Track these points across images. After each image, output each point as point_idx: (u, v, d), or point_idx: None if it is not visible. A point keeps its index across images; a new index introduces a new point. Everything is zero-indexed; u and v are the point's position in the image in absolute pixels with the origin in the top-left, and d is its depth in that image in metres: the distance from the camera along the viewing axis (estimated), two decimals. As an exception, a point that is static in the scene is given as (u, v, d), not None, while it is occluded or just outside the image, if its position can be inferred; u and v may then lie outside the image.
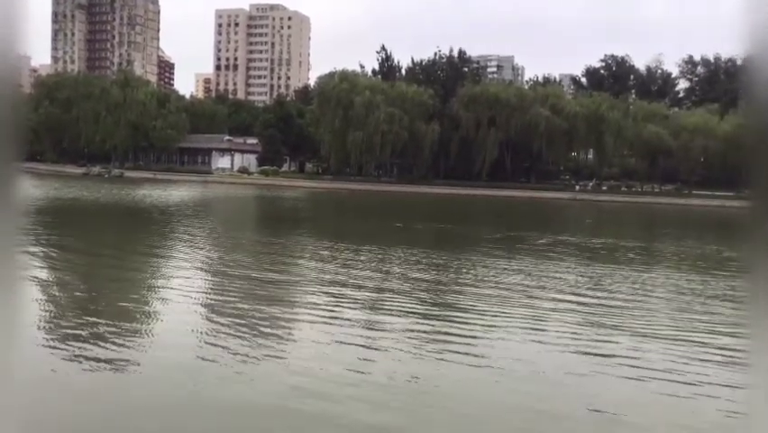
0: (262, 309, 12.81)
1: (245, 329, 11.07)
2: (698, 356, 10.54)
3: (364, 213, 49.66)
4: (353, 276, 17.32)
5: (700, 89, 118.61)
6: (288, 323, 12.12)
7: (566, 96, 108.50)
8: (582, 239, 33.02)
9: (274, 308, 13.11)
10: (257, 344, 10.25)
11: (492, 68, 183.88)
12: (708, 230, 46.09)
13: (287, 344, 10.59)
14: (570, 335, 11.67)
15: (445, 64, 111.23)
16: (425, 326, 12.01)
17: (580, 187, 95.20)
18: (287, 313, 12.93)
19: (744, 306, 15.32)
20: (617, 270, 21.01)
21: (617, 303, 14.98)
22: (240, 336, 10.64)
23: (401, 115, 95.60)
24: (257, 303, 13.39)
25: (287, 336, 11.16)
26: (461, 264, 20.49)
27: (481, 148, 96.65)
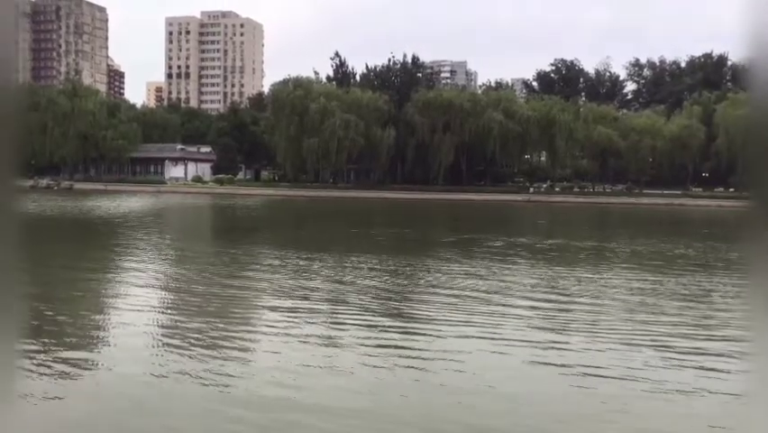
0: (209, 324, 12.36)
1: (188, 346, 10.73)
2: (655, 362, 10.35)
3: (320, 220, 49.39)
4: (304, 286, 16.95)
5: (647, 91, 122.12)
6: (232, 337, 11.56)
7: (519, 100, 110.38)
8: (536, 240, 33.47)
9: (219, 322, 12.58)
10: (201, 361, 9.90)
11: (446, 73, 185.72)
12: (658, 228, 47.32)
13: (232, 360, 10.38)
14: (521, 341, 11.46)
15: (399, 70, 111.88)
16: (374, 337, 11.66)
17: (534, 189, 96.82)
18: (232, 328, 12.31)
19: (699, 303, 15.75)
20: (571, 271, 21.29)
21: (571, 306, 14.96)
22: (183, 352, 10.34)
23: (357, 121, 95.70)
24: (203, 318, 12.90)
25: (232, 351, 10.74)
26: (414, 270, 20.41)
27: (437, 153, 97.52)
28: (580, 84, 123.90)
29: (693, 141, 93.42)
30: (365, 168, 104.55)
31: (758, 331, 2.24)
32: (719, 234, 42.15)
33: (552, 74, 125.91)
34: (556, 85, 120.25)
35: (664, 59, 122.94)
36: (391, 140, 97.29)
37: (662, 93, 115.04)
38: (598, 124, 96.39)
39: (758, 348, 2.25)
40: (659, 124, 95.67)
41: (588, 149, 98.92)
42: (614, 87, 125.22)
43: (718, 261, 25.58)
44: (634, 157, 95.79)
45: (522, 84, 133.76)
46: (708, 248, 30.14)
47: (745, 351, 10.92)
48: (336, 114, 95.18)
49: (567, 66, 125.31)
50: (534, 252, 27.50)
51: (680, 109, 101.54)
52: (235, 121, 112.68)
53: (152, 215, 49.59)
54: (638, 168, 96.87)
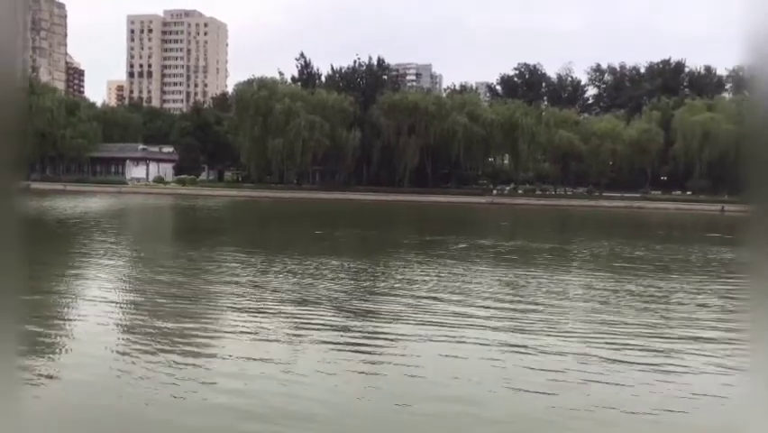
0: (160, 330, 12.04)
1: (139, 353, 10.53)
2: (614, 366, 10.29)
3: (284, 221, 49.10)
4: (263, 288, 16.66)
5: (608, 96, 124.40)
6: (185, 343, 11.21)
7: (483, 104, 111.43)
8: (499, 242, 33.84)
9: (172, 327, 12.20)
10: (152, 369, 9.63)
11: (411, 75, 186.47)
12: (617, 230, 48.27)
13: (185, 367, 10.25)
14: (479, 344, 11.38)
15: (365, 72, 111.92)
16: (332, 341, 11.49)
17: (498, 191, 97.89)
18: (186, 333, 11.94)
19: (657, 305, 16.07)
20: (532, 273, 21.58)
21: (532, 307, 15.03)
22: (134, 359, 10.14)
23: (322, 123, 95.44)
24: (155, 323, 12.62)
25: (185, 357, 10.46)
26: (376, 272, 20.36)
27: (403, 155, 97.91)
28: (542, 88, 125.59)
29: (652, 145, 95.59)
30: (330, 169, 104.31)
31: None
32: (677, 236, 43.24)
33: (515, 78, 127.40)
34: (519, 89, 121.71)
35: (625, 65, 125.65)
36: (357, 141, 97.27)
37: (622, 98, 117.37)
38: (559, 128, 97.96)
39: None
40: (619, 128, 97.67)
41: (550, 152, 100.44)
42: (575, 91, 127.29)
43: (675, 263, 26.24)
44: (594, 160, 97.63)
45: (486, 88, 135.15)
46: (666, 250, 30.89)
47: (700, 349, 11.17)
48: (301, 114, 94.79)
49: (530, 70, 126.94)
50: (496, 254, 27.79)
51: (639, 114, 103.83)
52: (198, 121, 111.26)
53: (111, 216, 48.53)
54: (599, 171, 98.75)
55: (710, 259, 27.72)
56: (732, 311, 15.36)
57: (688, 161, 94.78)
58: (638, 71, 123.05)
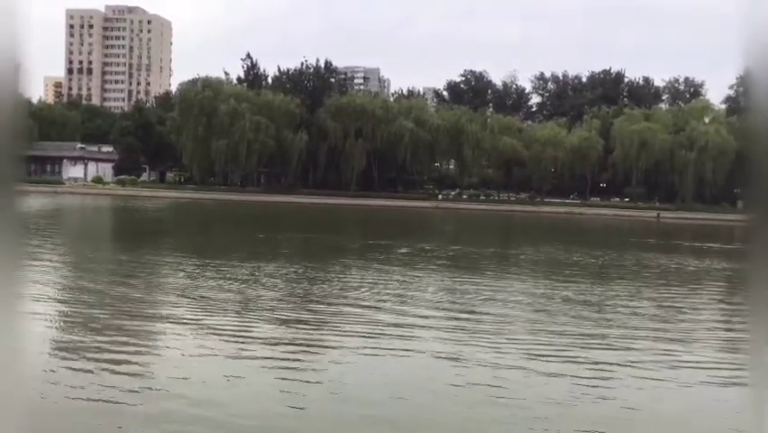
0: (90, 337, 11.63)
1: (70, 360, 10.15)
2: (558, 380, 9.98)
3: (226, 224, 48.21)
4: (198, 295, 15.86)
5: (551, 104, 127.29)
6: (114, 351, 10.78)
7: (429, 109, 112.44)
8: (442, 247, 34.06)
9: (102, 335, 11.74)
10: (86, 378, 9.29)
11: (359, 79, 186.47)
12: (558, 236, 49.33)
13: (117, 374, 9.87)
14: (408, 352, 11.11)
15: (312, 74, 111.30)
16: (266, 348, 11.16)
17: (443, 196, 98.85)
18: (117, 340, 11.49)
19: (593, 312, 16.32)
20: (473, 278, 21.72)
21: (469, 315, 14.83)
22: (66, 367, 9.77)
23: (268, 124, 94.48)
24: (83, 331, 12.15)
25: (118, 365, 10.09)
26: (315, 277, 19.96)
27: (349, 158, 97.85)
28: (488, 95, 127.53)
29: (592, 152, 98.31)
30: (276, 172, 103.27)
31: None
32: (615, 242, 44.45)
33: (461, 85, 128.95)
34: (465, 95, 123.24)
35: (567, 74, 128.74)
36: (303, 144, 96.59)
37: (564, 106, 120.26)
38: (503, 135, 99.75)
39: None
40: (561, 135, 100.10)
41: (494, 158, 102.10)
42: (520, 99, 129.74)
43: (612, 269, 26.92)
44: (537, 167, 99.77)
45: (433, 93, 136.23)
46: (604, 256, 31.67)
47: (634, 362, 11.14)
48: (246, 116, 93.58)
49: (476, 77, 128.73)
50: (438, 259, 27.93)
51: (580, 122, 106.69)
52: (140, 120, 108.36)
53: (41, 216, 46.46)
54: (541, 177, 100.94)
55: (646, 265, 28.54)
56: (666, 320, 15.78)
57: (626, 168, 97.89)
58: (580, 80, 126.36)
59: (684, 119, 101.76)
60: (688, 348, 12.48)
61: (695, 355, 11.88)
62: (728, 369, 10.81)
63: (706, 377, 10.38)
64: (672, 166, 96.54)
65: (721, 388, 9.80)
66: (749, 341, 10.03)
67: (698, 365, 11.11)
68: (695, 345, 12.88)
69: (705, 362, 11.37)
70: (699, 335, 13.93)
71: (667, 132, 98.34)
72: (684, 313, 16.48)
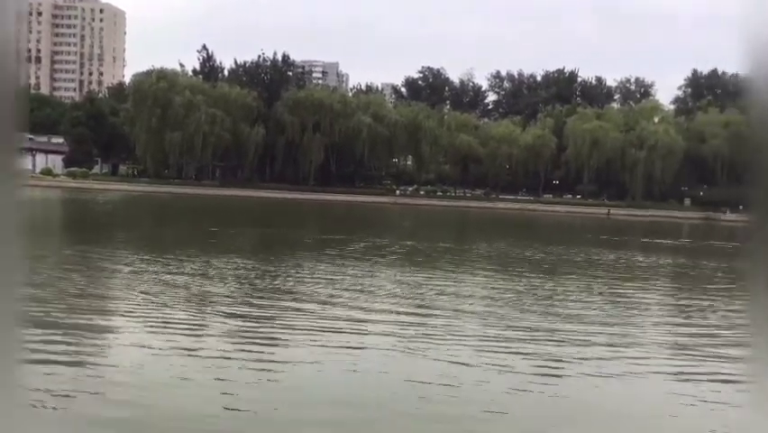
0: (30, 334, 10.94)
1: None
2: (493, 375, 10.00)
3: (179, 218, 47.55)
4: (143, 291, 15.32)
5: (506, 102, 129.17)
6: (55, 351, 10.26)
7: (387, 105, 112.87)
8: (398, 242, 34.31)
9: (42, 333, 10.88)
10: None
11: (317, 73, 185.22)
12: (512, 232, 50.24)
13: (59, 375, 9.72)
14: (360, 349, 10.97)
15: (270, 67, 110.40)
16: (210, 347, 10.78)
17: (401, 191, 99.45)
18: (58, 338, 10.93)
19: (546, 306, 16.72)
20: (428, 273, 21.92)
21: (423, 310, 14.75)
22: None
23: (224, 117, 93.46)
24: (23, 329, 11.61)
25: (56, 366, 9.83)
26: (268, 272, 19.63)
27: (307, 152, 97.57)
28: (445, 92, 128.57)
29: (546, 150, 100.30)
30: (232, 165, 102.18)
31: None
32: (567, 238, 45.54)
33: (419, 81, 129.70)
34: (423, 92, 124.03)
35: (523, 73, 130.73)
36: (260, 137, 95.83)
37: (519, 104, 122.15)
38: (460, 132, 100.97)
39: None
40: (516, 133, 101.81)
41: (451, 155, 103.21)
42: (476, 96, 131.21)
43: (563, 264, 27.62)
44: (492, 164, 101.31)
45: (391, 89, 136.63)
46: (556, 252, 32.43)
47: (585, 358, 11.35)
48: (202, 108, 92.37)
49: (434, 74, 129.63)
50: (394, 254, 28.13)
51: (535, 120, 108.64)
52: (92, 111, 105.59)
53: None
54: (496, 174, 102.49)
55: (596, 261, 29.35)
56: (614, 315, 16.28)
57: (578, 166, 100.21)
58: (535, 79, 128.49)
59: (635, 119, 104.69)
60: (637, 343, 12.64)
61: (644, 350, 12.01)
62: (678, 363, 11.11)
63: (655, 369, 10.60)
64: (623, 164, 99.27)
65: (671, 382, 9.99)
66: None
67: (646, 361, 11.26)
68: (645, 339, 13.14)
69: (653, 357, 11.57)
70: (647, 330, 14.30)
71: (618, 131, 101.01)
72: (633, 308, 17.03)
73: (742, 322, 15.45)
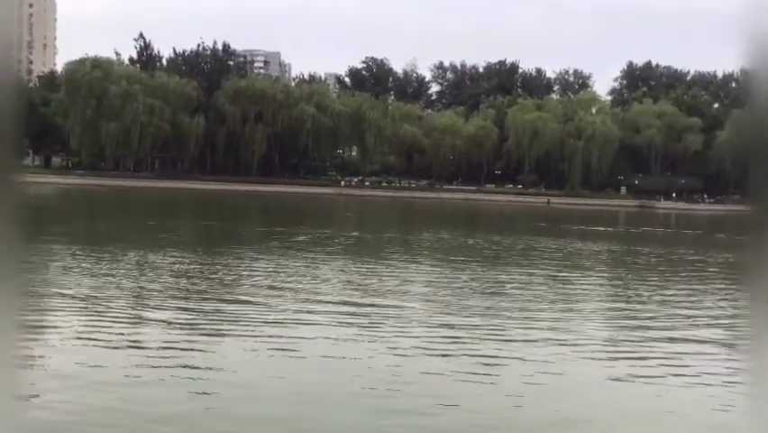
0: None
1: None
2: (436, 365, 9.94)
3: (114, 211, 45.96)
4: (72, 286, 14.80)
5: (449, 93, 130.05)
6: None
7: (331, 95, 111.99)
8: (344, 233, 34.18)
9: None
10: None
11: (259, 63, 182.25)
12: (456, 221, 50.76)
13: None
14: (300, 344, 10.62)
15: (210, 56, 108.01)
16: (146, 342, 10.59)
17: (346, 182, 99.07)
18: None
19: (492, 296, 16.88)
20: (373, 263, 21.93)
21: (368, 302, 14.58)
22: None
23: (162, 107, 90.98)
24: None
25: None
26: (207, 266, 19.08)
27: (249, 143, 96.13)
28: (389, 83, 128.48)
29: (488, 141, 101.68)
30: (172, 157, 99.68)
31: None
32: (509, 227, 46.28)
33: (363, 71, 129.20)
34: (367, 82, 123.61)
35: (465, 64, 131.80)
36: (200, 128, 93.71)
37: (462, 95, 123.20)
38: (404, 123, 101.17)
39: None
40: (458, 124, 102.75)
41: (395, 145, 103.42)
42: (420, 87, 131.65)
43: (506, 252, 28.04)
44: (436, 154, 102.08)
45: (335, 79, 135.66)
46: (499, 241, 32.90)
47: (529, 354, 11.37)
48: (139, 98, 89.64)
49: (377, 64, 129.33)
50: (339, 245, 28.02)
51: (477, 111, 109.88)
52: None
53: None
54: (440, 164, 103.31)
55: (537, 248, 29.92)
56: (555, 301, 16.56)
57: (519, 156, 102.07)
58: (477, 71, 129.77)
59: (573, 110, 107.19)
60: (579, 330, 12.83)
61: (586, 337, 12.16)
62: (616, 349, 11.31)
63: (596, 356, 10.79)
64: (562, 154, 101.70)
65: (607, 369, 10.16)
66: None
67: (586, 345, 11.48)
68: (587, 326, 13.36)
69: (595, 342, 11.78)
70: (589, 315, 14.58)
71: (557, 121, 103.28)
72: (573, 295, 17.40)
73: (677, 306, 16.03)
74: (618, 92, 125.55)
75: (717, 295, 18.30)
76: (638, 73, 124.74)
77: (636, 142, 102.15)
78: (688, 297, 17.71)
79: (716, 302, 16.93)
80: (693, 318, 14.35)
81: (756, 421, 2.31)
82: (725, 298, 17.63)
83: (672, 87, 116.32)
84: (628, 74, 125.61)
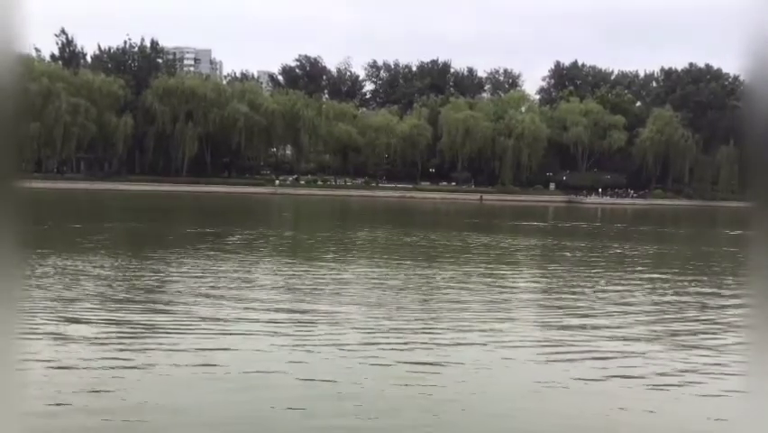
0: None
1: None
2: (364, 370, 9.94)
3: (34, 214, 43.71)
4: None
5: (383, 92, 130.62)
6: None
7: (264, 93, 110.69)
8: (278, 233, 33.81)
9: None
10: None
11: (189, 60, 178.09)
12: (391, 219, 51.00)
13: None
14: (224, 353, 10.22)
15: (137, 53, 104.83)
16: (56, 350, 10.00)
17: (280, 181, 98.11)
18: None
19: (424, 294, 16.99)
20: (308, 264, 21.74)
21: (301, 307, 14.01)
22: None
23: (87, 106, 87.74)
24: None
25: None
26: (132, 270, 18.34)
27: (180, 142, 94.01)
28: (323, 81, 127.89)
29: (422, 139, 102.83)
30: (98, 157, 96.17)
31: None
32: (444, 223, 46.92)
33: (296, 69, 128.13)
34: (301, 80, 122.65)
35: (399, 63, 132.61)
36: (128, 128, 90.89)
37: (396, 94, 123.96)
38: (339, 121, 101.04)
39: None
40: (393, 122, 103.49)
41: (330, 144, 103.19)
42: (354, 86, 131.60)
43: (441, 249, 28.37)
44: (372, 153, 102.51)
45: (268, 77, 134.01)
46: (433, 238, 33.26)
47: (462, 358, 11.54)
48: (62, 96, 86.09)
49: (311, 62, 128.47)
50: (272, 245, 27.67)
51: (411, 110, 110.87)
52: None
53: None
54: (375, 163, 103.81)
55: (472, 244, 30.43)
56: (493, 300, 16.85)
57: (452, 154, 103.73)
58: (410, 69, 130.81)
59: (504, 108, 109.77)
60: (513, 327, 12.97)
61: (518, 334, 12.19)
62: (551, 348, 11.37)
63: (530, 355, 10.87)
64: (494, 152, 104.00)
65: (541, 365, 10.31)
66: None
67: (522, 343, 11.61)
68: (519, 323, 13.57)
69: (528, 339, 11.88)
70: (521, 312, 14.85)
71: (489, 120, 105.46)
72: (507, 291, 17.75)
73: (612, 301, 16.60)
74: (547, 91, 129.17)
75: (647, 288, 18.98)
76: (565, 73, 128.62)
77: (564, 140, 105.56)
78: (621, 291, 18.20)
79: (647, 295, 17.56)
80: (631, 314, 14.78)
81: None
82: (657, 291, 18.32)
83: (598, 86, 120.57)
84: (556, 73, 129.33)
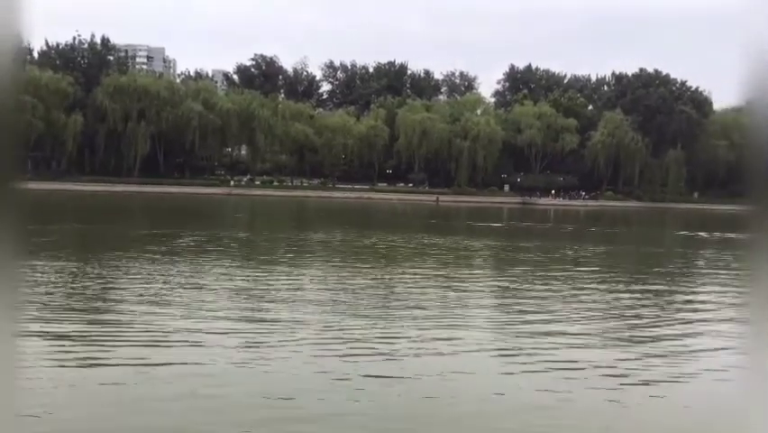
0: None
1: None
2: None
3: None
4: None
5: (340, 92, 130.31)
6: None
7: (219, 92, 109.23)
8: (233, 234, 33.35)
9: None
10: None
11: (141, 58, 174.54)
12: (348, 220, 50.91)
13: None
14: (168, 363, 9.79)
15: (87, 50, 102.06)
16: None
17: (235, 182, 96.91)
18: None
19: (388, 297, 16.98)
20: (263, 267, 21.49)
21: (259, 312, 13.91)
22: None
23: (35, 104, 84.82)
24: None
25: None
26: (76, 273, 17.66)
27: (131, 142, 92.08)
28: (279, 81, 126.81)
29: (379, 140, 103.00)
30: (46, 156, 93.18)
31: (755, 337, 2.17)
32: (401, 224, 47.05)
33: (252, 69, 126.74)
34: (257, 80, 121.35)
35: (356, 64, 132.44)
36: (78, 126, 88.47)
37: (353, 95, 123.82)
38: (295, 121, 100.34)
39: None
40: (350, 123, 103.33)
41: (286, 144, 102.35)
42: (311, 86, 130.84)
43: (398, 250, 28.44)
44: (328, 153, 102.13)
45: (223, 76, 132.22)
46: (389, 239, 33.31)
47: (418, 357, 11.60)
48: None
49: (267, 62, 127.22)
50: (226, 247, 27.26)
51: (368, 111, 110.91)
52: None
53: None
54: (332, 164, 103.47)
55: (429, 245, 30.58)
56: (449, 303, 16.95)
57: (409, 155, 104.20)
58: (368, 71, 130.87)
59: (459, 110, 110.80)
60: (469, 328, 13.19)
61: (477, 340, 12.11)
62: (504, 344, 11.59)
63: (490, 354, 11.06)
64: (450, 154, 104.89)
65: (497, 358, 10.52)
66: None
67: (479, 342, 11.78)
68: (473, 323, 13.77)
69: (489, 341, 11.95)
70: (475, 312, 15.02)
71: (445, 122, 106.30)
72: (463, 291, 17.90)
73: (566, 300, 16.90)
74: (501, 94, 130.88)
75: (602, 288, 19.39)
76: (519, 76, 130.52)
77: (518, 142, 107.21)
78: (574, 291, 18.58)
79: (603, 295, 17.95)
80: (588, 312, 15.08)
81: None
82: (609, 291, 18.75)
83: (551, 89, 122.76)
84: (510, 76, 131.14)
